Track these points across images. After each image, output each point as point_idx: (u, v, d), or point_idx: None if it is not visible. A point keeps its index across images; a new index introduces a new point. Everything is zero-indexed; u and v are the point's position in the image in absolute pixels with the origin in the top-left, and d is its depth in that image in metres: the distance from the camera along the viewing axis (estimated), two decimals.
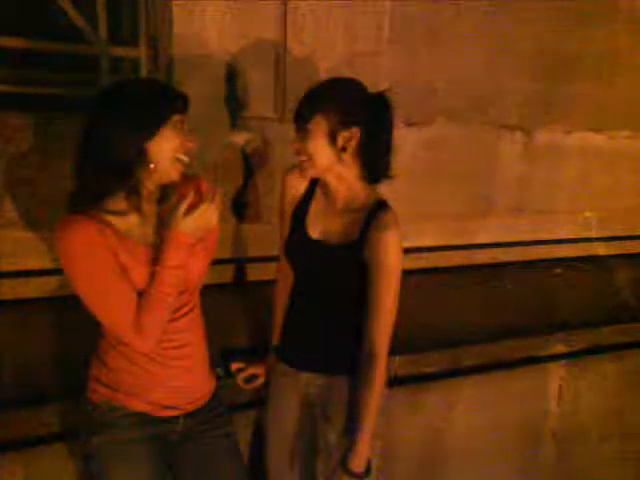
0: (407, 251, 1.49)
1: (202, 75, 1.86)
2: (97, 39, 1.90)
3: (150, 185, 1.31)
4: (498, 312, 2.39)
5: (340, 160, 1.41)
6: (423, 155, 2.31)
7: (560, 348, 2.42)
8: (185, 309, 1.39)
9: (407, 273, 1.47)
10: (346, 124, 1.37)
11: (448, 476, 2.34)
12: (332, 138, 1.38)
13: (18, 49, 1.82)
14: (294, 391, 1.59)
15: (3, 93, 1.79)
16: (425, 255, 2.36)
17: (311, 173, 1.45)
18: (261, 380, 1.70)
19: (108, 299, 1.26)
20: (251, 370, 1.70)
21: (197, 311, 1.45)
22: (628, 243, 2.84)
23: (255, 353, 1.79)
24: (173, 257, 1.27)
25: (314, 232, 1.50)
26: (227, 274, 2.03)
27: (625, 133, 2.73)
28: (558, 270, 2.64)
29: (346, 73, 1.51)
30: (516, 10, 2.35)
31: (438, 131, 2.32)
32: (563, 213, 2.67)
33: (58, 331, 1.72)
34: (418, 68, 2.23)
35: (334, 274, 1.48)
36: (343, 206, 1.48)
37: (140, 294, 1.28)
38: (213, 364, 1.55)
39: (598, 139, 2.67)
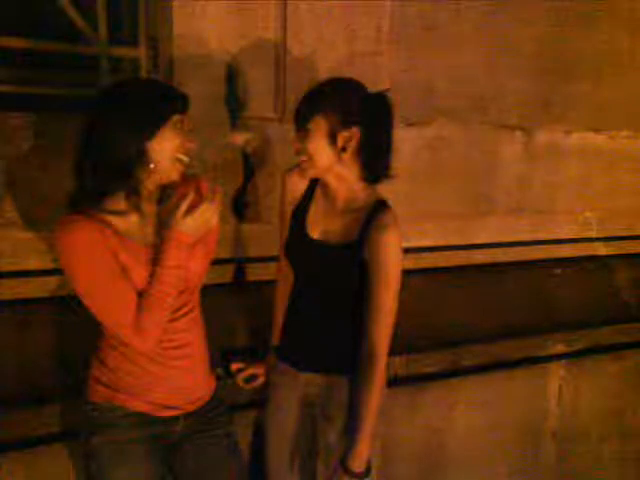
0: (407, 251, 1.49)
1: (202, 75, 1.86)
2: (97, 39, 1.90)
3: (150, 185, 1.31)
4: (498, 312, 2.39)
5: (340, 160, 1.41)
6: (423, 155, 2.31)
7: (560, 348, 2.42)
8: (185, 309, 1.39)
9: (407, 273, 1.48)
10: (346, 124, 1.37)
11: (448, 476, 2.34)
12: (332, 138, 1.38)
13: (18, 49, 1.82)
14: (294, 391, 1.59)
15: (3, 93, 1.79)
16: (425, 255, 2.35)
17: (311, 173, 1.45)
18: (261, 380, 1.70)
19: (108, 299, 1.26)
20: (251, 370, 1.70)
21: (197, 311, 1.45)
22: (628, 243, 2.84)
23: (255, 353, 1.79)
24: (173, 257, 1.27)
25: (314, 232, 1.50)
26: (227, 274, 2.02)
27: (625, 133, 2.73)
28: (558, 270, 2.64)
29: (346, 73, 1.51)
30: (516, 10, 2.35)
31: (438, 131, 2.32)
32: (563, 213, 2.67)
33: (58, 331, 1.72)
34: (418, 68, 2.23)
35: (334, 274, 1.48)
36: (343, 206, 1.48)
37: (140, 294, 1.28)
38: (213, 364, 1.55)
39: (598, 139, 2.67)
